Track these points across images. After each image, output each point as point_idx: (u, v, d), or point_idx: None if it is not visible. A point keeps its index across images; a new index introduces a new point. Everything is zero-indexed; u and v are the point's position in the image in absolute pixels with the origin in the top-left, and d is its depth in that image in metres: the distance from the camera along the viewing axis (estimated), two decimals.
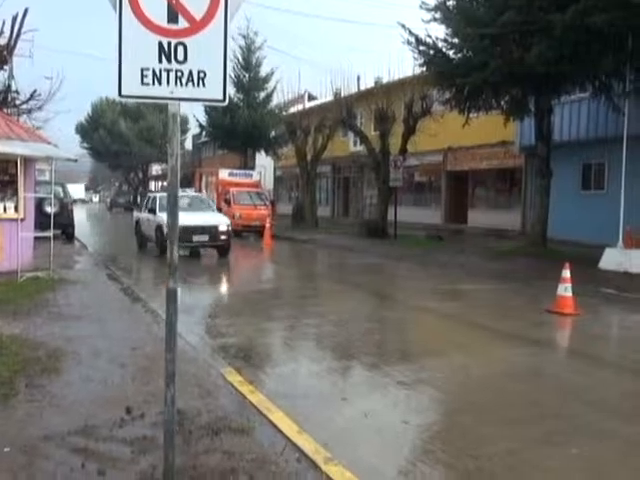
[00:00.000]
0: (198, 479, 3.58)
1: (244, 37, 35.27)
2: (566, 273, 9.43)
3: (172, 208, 3.42)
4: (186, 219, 13.98)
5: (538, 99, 16.63)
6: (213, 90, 3.38)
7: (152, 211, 16.85)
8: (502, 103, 16.91)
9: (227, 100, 3.43)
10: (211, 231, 16.14)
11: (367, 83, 30.74)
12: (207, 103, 3.47)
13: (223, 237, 16.40)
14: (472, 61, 15.54)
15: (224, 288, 12.92)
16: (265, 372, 6.15)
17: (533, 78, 14.45)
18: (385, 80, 27.84)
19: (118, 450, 3.96)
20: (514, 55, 13.89)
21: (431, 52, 17.15)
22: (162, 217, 14.62)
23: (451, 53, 16.85)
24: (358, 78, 30.86)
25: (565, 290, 9.34)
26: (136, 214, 19.31)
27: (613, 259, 13.80)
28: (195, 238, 15.68)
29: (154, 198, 17.51)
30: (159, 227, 15.63)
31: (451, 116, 19.74)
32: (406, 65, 42.25)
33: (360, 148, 28.27)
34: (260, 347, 7.40)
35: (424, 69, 18.42)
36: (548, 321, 9.00)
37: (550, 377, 6.36)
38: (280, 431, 4.43)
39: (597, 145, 19.23)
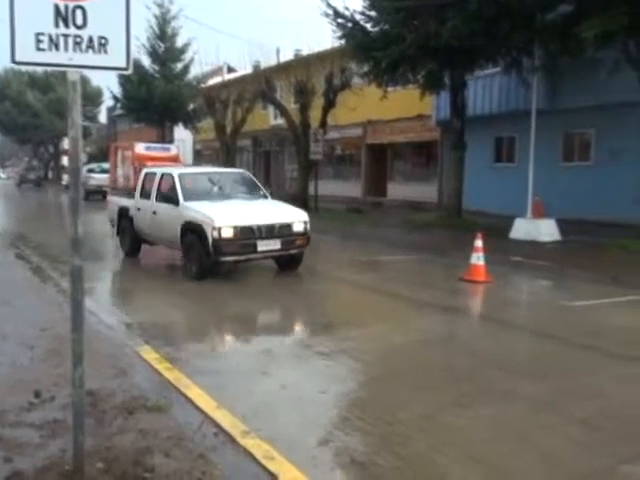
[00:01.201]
0: (111, 460, 3.50)
1: (159, 6, 34.03)
2: (478, 243, 9.78)
3: (75, 181, 3.24)
4: (239, 213, 9.53)
5: (453, 73, 16.98)
6: (116, 57, 3.23)
7: (169, 200, 10.24)
8: (419, 77, 17.15)
9: (131, 68, 3.29)
10: (284, 234, 9.59)
11: (287, 55, 30.44)
12: (110, 71, 3.30)
13: (300, 242, 9.87)
14: (389, 34, 15.65)
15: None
16: (183, 349, 6.05)
17: (448, 52, 14.71)
18: (305, 53, 27.62)
19: (26, 435, 3.81)
20: (430, 29, 14.09)
21: (349, 25, 17.13)
22: (195, 211, 9.56)
23: (369, 26, 16.88)
24: (278, 50, 30.50)
25: (478, 259, 9.69)
26: (119, 201, 12.42)
27: (522, 229, 14.42)
28: (261, 247, 9.33)
29: (171, 177, 10.53)
30: (194, 228, 9.43)
31: (370, 89, 19.85)
32: (326, 38, 42.22)
33: (280, 121, 28.03)
34: (178, 324, 7.28)
35: (342, 42, 18.41)
36: (462, 289, 9.33)
37: (463, 342, 6.61)
38: (198, 407, 4.40)
39: (508, 119, 19.90)
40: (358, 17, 16.84)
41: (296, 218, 9.95)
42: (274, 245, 9.47)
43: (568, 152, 18.98)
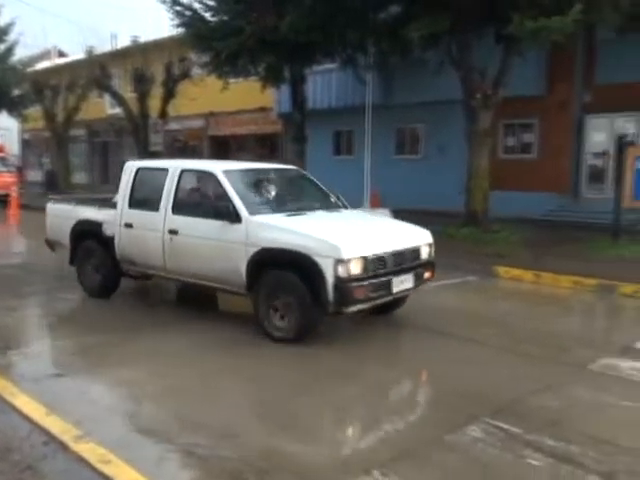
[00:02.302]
0: None
1: None
2: None
3: None
4: (359, 235, 6.32)
5: (292, 67, 17.27)
6: None
7: (216, 213, 6.47)
8: (259, 69, 17.24)
9: None
10: (413, 264, 6.50)
11: (123, 42, 29.12)
12: None
13: (428, 276, 6.75)
14: (229, 25, 15.55)
15: None
16: (9, 354, 5.61)
17: (287, 46, 14.95)
18: (142, 40, 26.61)
19: None
20: (268, 22, 14.21)
21: (187, 13, 16.76)
22: (289, 231, 6.05)
23: (208, 16, 16.63)
24: (114, 36, 29.08)
25: None
26: (76, 211, 8.24)
27: None
28: (396, 286, 6.15)
29: (212, 178, 6.79)
30: (292, 261, 5.89)
31: (212, 80, 19.61)
32: (164, 25, 40.87)
33: (118, 111, 26.81)
34: (4, 328, 6.73)
35: (181, 30, 17.96)
36: None
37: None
38: (26, 416, 4.11)
39: (346, 113, 20.65)
40: (197, 6, 16.53)
41: (422, 240, 6.72)
42: (407, 283, 6.32)
43: (401, 146, 20.18)
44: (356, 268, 5.72)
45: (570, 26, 10.20)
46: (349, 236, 6.08)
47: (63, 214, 8.48)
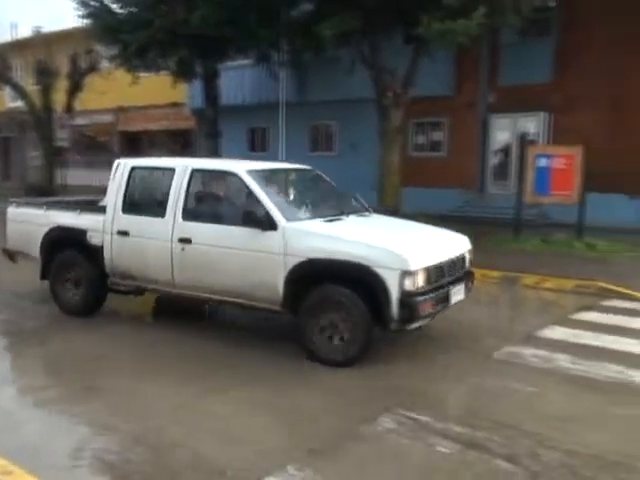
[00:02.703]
0: None
1: None
2: None
3: None
4: (414, 243, 5.66)
5: (204, 62, 17.01)
6: None
7: (246, 220, 5.62)
8: (170, 64, 16.86)
9: None
10: (462, 274, 6.04)
11: (24, 32, 27.68)
12: None
13: (471, 285, 6.26)
14: (137, 17, 15.12)
15: None
16: None
17: (198, 40, 14.71)
18: (46, 30, 25.39)
19: None
20: (178, 15, 13.92)
21: (94, 4, 16.14)
22: (344, 241, 5.36)
23: (116, 7, 16.09)
24: (14, 25, 27.58)
25: None
26: (48, 217, 7.10)
27: None
28: (453, 297, 5.67)
29: (236, 179, 5.94)
30: (350, 273, 5.22)
31: (121, 74, 18.99)
32: (69, 15, 39.15)
33: (19, 104, 25.47)
34: None
35: (88, 22, 17.27)
36: None
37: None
38: None
39: (261, 110, 20.58)
40: None
41: (465, 247, 6.22)
42: (460, 293, 5.83)
43: (315, 143, 20.32)
44: (422, 280, 5.20)
45: (475, 29, 10.61)
46: (409, 244, 5.49)
47: (30, 220, 7.22)
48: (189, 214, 6.04)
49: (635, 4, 14.27)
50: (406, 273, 5.04)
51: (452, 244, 6.05)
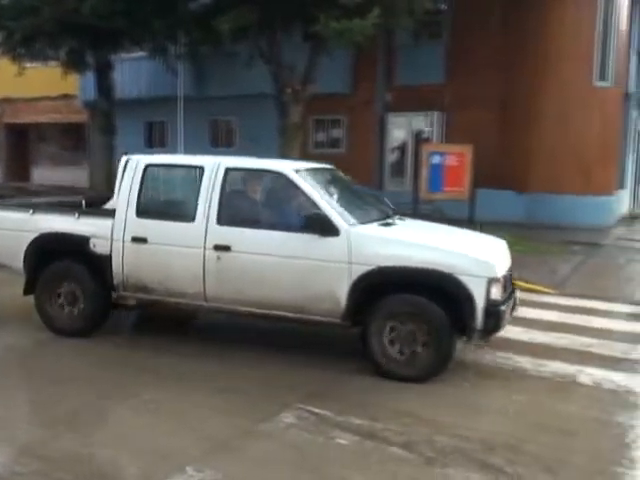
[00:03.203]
0: None
1: None
2: None
3: None
4: (482, 249, 5.33)
5: (97, 53, 16.34)
6: None
7: (305, 226, 5.11)
8: (60, 54, 16.06)
9: None
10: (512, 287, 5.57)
11: None
12: None
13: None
14: (23, 4, 14.27)
15: None
16: None
17: (89, 31, 14.10)
18: None
19: None
20: (68, 4, 13.28)
21: None
22: (425, 248, 5.04)
23: None
24: None
25: None
26: (37, 221, 6.05)
27: None
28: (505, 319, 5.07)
29: (282, 179, 5.40)
30: (427, 280, 4.89)
31: (6, 63, 17.86)
32: None
33: None
34: None
35: None
36: None
37: None
38: None
39: (158, 104, 19.99)
40: None
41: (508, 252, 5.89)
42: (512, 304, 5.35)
43: (216, 138, 20.06)
44: (503, 287, 4.99)
45: (370, 28, 10.87)
46: (486, 251, 5.25)
47: (10, 225, 6.15)
48: (225, 218, 5.36)
49: (520, 14, 15.11)
50: (492, 281, 4.79)
51: (503, 250, 5.71)
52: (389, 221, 5.56)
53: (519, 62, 15.34)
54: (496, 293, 4.80)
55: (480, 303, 4.72)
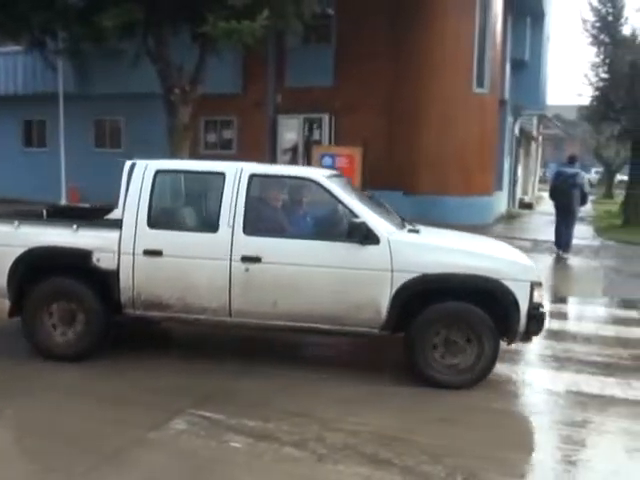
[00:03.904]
0: None
1: None
2: None
3: None
4: (511, 254, 5.59)
5: None
6: None
7: (341, 233, 5.03)
8: None
9: None
10: None
11: None
12: None
13: None
14: None
15: None
16: None
17: None
18: None
19: None
20: None
21: None
22: (472, 255, 5.14)
23: None
24: None
25: None
26: (27, 235, 5.40)
27: None
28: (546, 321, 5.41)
29: (315, 186, 5.22)
30: (481, 287, 4.92)
31: None
32: None
33: None
34: None
35: None
36: None
37: None
38: None
39: (37, 102, 18.94)
40: None
41: None
42: None
43: (101, 138, 19.27)
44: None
45: (259, 30, 10.86)
46: (521, 255, 5.40)
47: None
48: (252, 228, 5.09)
49: (404, 24, 15.68)
50: (535, 284, 4.91)
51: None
52: (411, 227, 5.47)
53: (404, 69, 15.94)
54: (538, 296, 4.94)
55: (524, 307, 4.84)
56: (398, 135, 16.10)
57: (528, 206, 24.39)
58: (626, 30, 19.55)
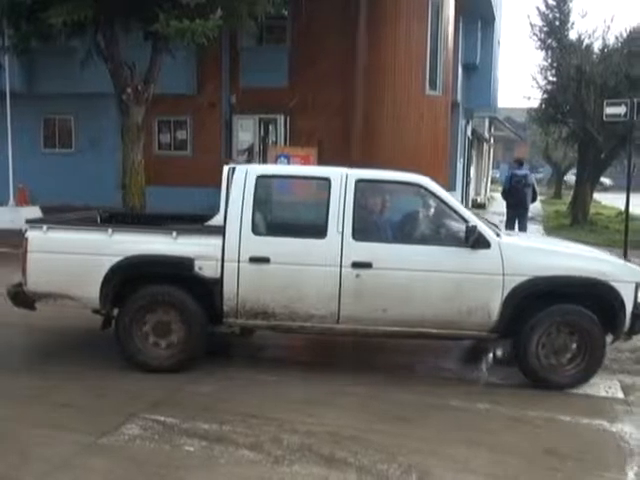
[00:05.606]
0: None
1: None
2: None
3: None
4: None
5: None
6: None
7: (449, 238, 5.24)
8: None
9: None
10: None
11: None
12: None
13: None
14: None
15: None
16: None
17: None
18: None
19: None
20: None
21: None
22: (580, 257, 5.42)
23: None
24: None
25: None
26: (111, 244, 5.17)
27: (6, 218, 13.70)
28: None
29: (423, 191, 5.31)
30: (591, 289, 5.11)
31: None
32: None
33: None
34: None
35: None
36: None
37: None
38: None
39: None
40: None
41: None
42: None
43: (49, 138, 18.78)
44: None
45: (213, 30, 10.75)
46: (617, 257, 5.74)
47: (80, 249, 5.16)
48: (362, 233, 5.09)
49: (357, 27, 15.77)
50: (639, 285, 5.08)
51: None
52: (506, 232, 5.87)
53: (358, 71, 16.01)
54: None
55: (629, 307, 5.01)
56: (352, 137, 16.15)
57: (481, 206, 24.85)
58: (572, 35, 20.06)
